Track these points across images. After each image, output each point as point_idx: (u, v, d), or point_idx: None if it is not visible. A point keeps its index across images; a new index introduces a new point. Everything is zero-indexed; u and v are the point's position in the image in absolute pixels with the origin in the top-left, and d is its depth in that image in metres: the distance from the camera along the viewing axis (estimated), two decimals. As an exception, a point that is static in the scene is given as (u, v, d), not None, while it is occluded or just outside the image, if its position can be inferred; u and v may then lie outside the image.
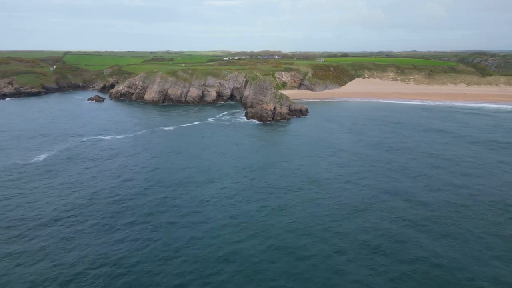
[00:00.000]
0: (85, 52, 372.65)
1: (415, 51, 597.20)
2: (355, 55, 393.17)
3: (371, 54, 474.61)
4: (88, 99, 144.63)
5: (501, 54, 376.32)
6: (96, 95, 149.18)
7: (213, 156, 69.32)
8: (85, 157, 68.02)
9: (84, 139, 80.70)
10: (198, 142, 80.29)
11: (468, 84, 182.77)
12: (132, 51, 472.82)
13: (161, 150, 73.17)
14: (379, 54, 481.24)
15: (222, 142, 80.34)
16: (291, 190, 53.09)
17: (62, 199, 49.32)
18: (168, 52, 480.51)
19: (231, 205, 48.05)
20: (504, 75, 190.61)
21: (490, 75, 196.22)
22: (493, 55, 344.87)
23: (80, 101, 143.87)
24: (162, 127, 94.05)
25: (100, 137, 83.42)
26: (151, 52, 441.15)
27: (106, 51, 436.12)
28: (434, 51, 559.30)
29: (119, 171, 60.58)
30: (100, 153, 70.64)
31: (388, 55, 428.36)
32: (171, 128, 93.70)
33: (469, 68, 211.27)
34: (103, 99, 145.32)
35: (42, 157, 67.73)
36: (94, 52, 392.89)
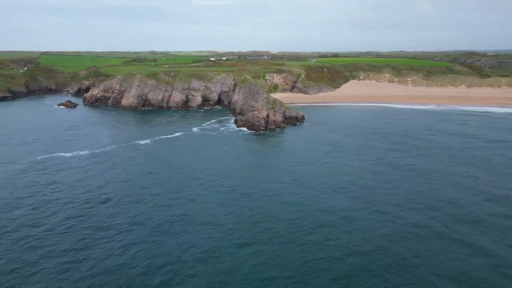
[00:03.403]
0: (63, 52, 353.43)
1: (402, 51, 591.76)
2: (345, 55, 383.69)
3: (360, 54, 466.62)
4: (59, 105, 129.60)
5: (490, 54, 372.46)
6: (67, 100, 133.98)
7: (195, 186, 56.16)
8: (29, 186, 54.07)
9: (39, 158, 66.40)
10: (177, 162, 66.95)
11: (469, 85, 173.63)
12: (115, 51, 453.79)
13: (127, 174, 59.43)
14: (368, 54, 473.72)
15: (208, 160, 67.27)
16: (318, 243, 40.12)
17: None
18: (153, 52, 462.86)
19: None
20: (505, 76, 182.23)
21: (489, 76, 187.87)
22: (484, 55, 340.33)
23: (49, 107, 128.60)
24: (137, 141, 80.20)
25: (60, 154, 69.21)
26: (134, 52, 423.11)
27: (87, 51, 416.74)
28: (421, 51, 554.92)
29: (65, 206, 47.00)
30: (47, 179, 56.74)
31: (378, 55, 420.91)
32: (147, 141, 79.92)
33: (466, 69, 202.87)
34: (75, 105, 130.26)
35: (-22, 185, 53.57)
36: (74, 52, 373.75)
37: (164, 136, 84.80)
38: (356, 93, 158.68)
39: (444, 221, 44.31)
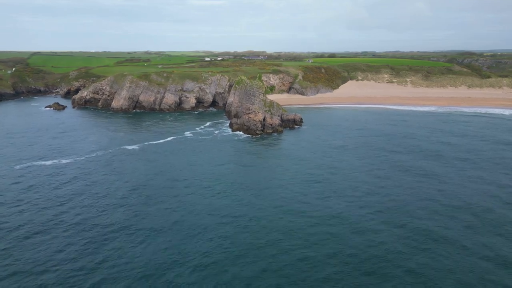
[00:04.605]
0: (55, 52, 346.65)
1: (398, 51, 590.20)
2: (342, 55, 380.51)
3: (356, 54, 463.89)
4: (46, 107, 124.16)
5: (487, 54, 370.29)
6: (55, 103, 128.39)
7: (187, 195, 51.41)
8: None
9: (17, 167, 61.30)
10: (166, 172, 62.12)
11: (469, 86, 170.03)
12: (109, 51, 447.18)
13: (108, 185, 54.47)
14: (365, 54, 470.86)
15: (201, 170, 62.53)
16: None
17: None
18: (147, 53, 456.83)
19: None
20: (505, 77, 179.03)
21: (489, 77, 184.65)
22: (481, 55, 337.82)
23: (35, 109, 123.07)
24: (125, 146, 75.21)
25: (40, 162, 64.11)
26: (128, 53, 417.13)
27: (80, 51, 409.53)
28: (417, 51, 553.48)
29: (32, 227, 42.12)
30: (20, 193, 51.76)
31: (374, 55, 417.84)
32: (135, 147, 74.87)
33: (466, 69, 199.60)
34: (63, 107, 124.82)
35: None
36: (66, 52, 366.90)
37: (154, 142, 79.77)
38: (355, 94, 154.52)
39: (460, 231, 40.09)
